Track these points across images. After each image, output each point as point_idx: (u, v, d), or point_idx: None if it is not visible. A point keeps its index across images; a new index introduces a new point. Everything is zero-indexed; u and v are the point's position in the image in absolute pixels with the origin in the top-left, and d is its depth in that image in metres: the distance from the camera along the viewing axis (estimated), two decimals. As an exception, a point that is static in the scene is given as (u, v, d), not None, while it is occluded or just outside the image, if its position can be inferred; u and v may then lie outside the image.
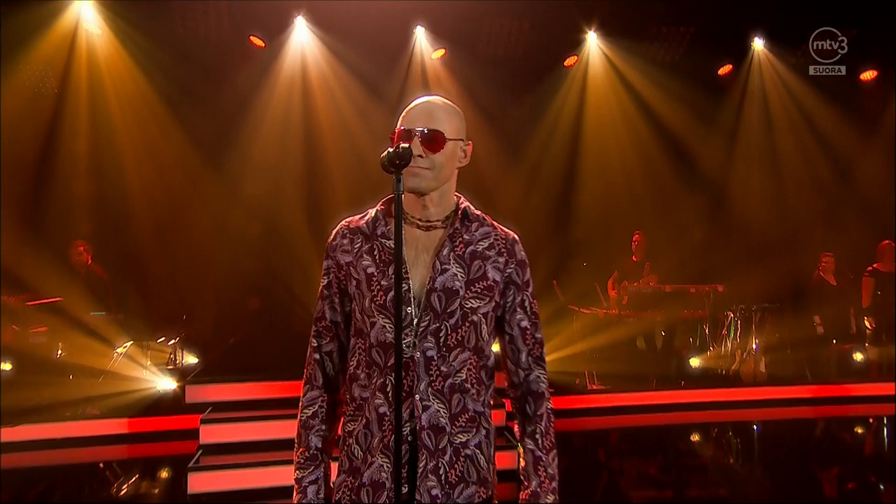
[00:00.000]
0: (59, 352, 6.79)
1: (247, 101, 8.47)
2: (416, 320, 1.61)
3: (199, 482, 4.26)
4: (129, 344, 6.98)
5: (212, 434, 4.73)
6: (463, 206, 1.72)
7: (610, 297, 8.50)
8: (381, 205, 1.73)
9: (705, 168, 9.83)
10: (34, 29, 7.63)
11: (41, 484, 4.98)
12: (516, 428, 1.77)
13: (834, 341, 8.10)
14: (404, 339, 1.59)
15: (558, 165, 9.65)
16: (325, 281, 1.72)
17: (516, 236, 1.77)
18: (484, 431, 1.68)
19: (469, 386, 1.66)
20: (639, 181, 9.70)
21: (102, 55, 8.11)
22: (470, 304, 1.64)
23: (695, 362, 7.80)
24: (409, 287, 1.62)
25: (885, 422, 6.84)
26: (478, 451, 1.66)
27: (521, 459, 1.74)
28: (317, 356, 1.71)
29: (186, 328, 7.75)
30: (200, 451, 4.58)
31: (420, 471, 1.57)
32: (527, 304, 1.74)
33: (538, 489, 1.67)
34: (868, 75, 9.69)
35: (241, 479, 4.40)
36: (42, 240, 7.80)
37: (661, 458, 5.95)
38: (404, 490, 1.53)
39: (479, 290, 1.65)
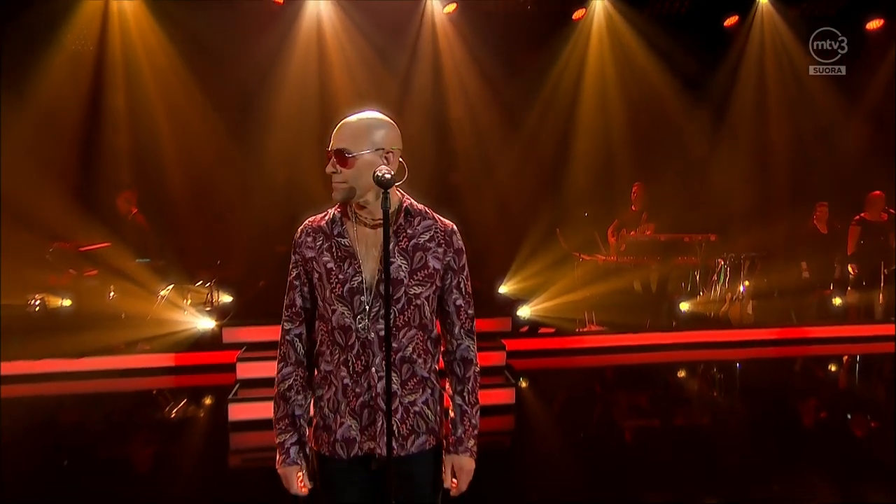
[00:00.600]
0: (111, 294, 7.26)
1: (268, 59, 8.72)
2: (368, 307, 1.82)
3: (237, 411, 4.86)
4: (170, 287, 7.46)
5: (247, 370, 5.28)
6: (406, 203, 1.89)
7: (609, 245, 8.72)
8: (338, 208, 1.90)
9: (705, 121, 9.81)
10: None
11: (105, 407, 5.56)
12: (448, 386, 2.00)
13: (818, 287, 8.28)
14: (360, 322, 1.83)
15: (563, 117, 9.74)
16: (294, 273, 1.90)
17: (454, 227, 1.95)
18: (430, 391, 1.93)
19: (416, 357, 1.90)
20: (641, 132, 9.75)
21: (133, 18, 8.51)
22: (413, 291, 1.85)
23: (685, 306, 7.98)
24: (363, 279, 1.82)
25: (857, 360, 7.16)
26: (425, 407, 1.92)
27: (451, 411, 1.97)
28: (289, 338, 1.94)
29: (220, 272, 8.25)
30: (238, 385, 5.14)
31: (378, 429, 1.82)
32: (462, 285, 1.95)
33: (462, 436, 1.93)
34: (874, 24, 9.53)
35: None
36: (91, 190, 8.31)
37: (650, 392, 6.24)
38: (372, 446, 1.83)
39: (420, 279, 1.85)
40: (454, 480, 1.93)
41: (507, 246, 9.42)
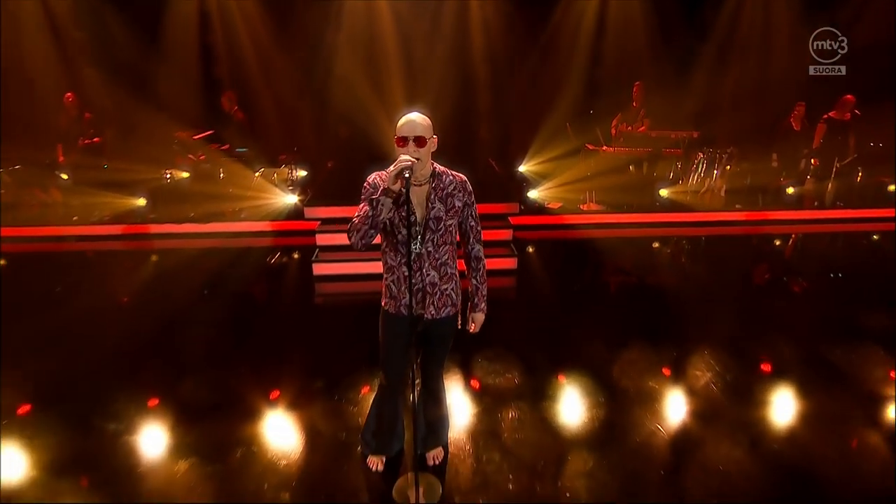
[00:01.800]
0: (221, 174, 8.10)
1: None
2: (419, 236, 2.47)
3: (319, 269, 5.96)
4: (262, 170, 8.30)
5: (323, 239, 6.29)
6: (435, 169, 2.48)
7: (612, 135, 8.91)
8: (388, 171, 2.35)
9: (705, 27, 9.65)
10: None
11: (221, 259, 6.49)
12: (467, 270, 2.65)
13: (784, 176, 8.43)
14: (413, 244, 2.45)
15: (579, 24, 9.83)
16: (360, 216, 2.38)
17: (465, 178, 2.54)
18: (454, 282, 2.62)
19: (448, 260, 2.56)
20: (649, 37, 9.64)
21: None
22: (449, 222, 2.49)
23: (664, 192, 8.24)
24: (415, 219, 2.45)
25: (804, 237, 7.47)
26: (452, 291, 2.62)
27: (470, 288, 2.67)
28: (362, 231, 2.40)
29: (297, 155, 9.00)
30: (318, 250, 6.19)
31: (427, 303, 2.55)
32: (473, 213, 2.58)
33: (477, 301, 2.67)
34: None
35: (346, 268, 5.96)
36: (201, 92, 9.18)
37: (632, 258, 6.69)
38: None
39: (452, 214, 2.50)
40: (473, 324, 2.72)
41: (526, 134, 9.82)
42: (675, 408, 3.68)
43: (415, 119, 2.35)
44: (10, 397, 3.77)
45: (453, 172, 2.55)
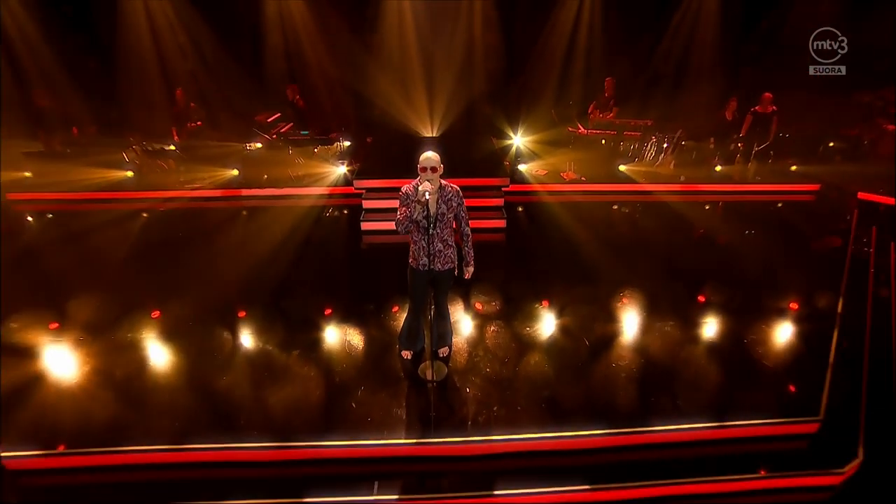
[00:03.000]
0: (290, 150, 9.21)
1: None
2: (432, 223, 3.70)
3: (366, 226, 7.37)
4: (318, 147, 9.45)
5: (368, 204, 7.62)
6: (442, 183, 3.76)
7: (588, 118, 9.78)
8: (418, 181, 3.57)
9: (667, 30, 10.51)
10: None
11: (295, 215, 7.74)
12: (461, 242, 3.95)
13: (718, 156, 9.32)
14: (431, 228, 3.68)
15: (566, 27, 10.77)
16: (400, 209, 3.71)
17: (458, 188, 3.79)
18: (452, 249, 3.89)
19: (447, 237, 3.84)
20: (621, 38, 10.52)
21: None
22: (448, 216, 3.78)
23: (623, 168, 9.27)
24: (430, 214, 3.68)
25: (721, 204, 8.46)
26: (451, 254, 3.92)
27: (463, 252, 3.94)
28: (399, 216, 3.72)
29: (342, 133, 10.09)
30: (363, 211, 7.56)
31: (435, 262, 3.84)
32: (464, 208, 3.85)
33: (468, 259, 3.95)
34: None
35: (384, 225, 7.26)
36: (270, 87, 10.40)
37: (598, 216, 7.81)
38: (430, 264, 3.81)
39: (451, 210, 3.76)
40: (467, 274, 4.02)
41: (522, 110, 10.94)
42: (600, 326, 5.19)
43: (431, 156, 3.63)
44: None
45: (451, 184, 3.85)
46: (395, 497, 3.49)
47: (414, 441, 3.79)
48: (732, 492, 3.70)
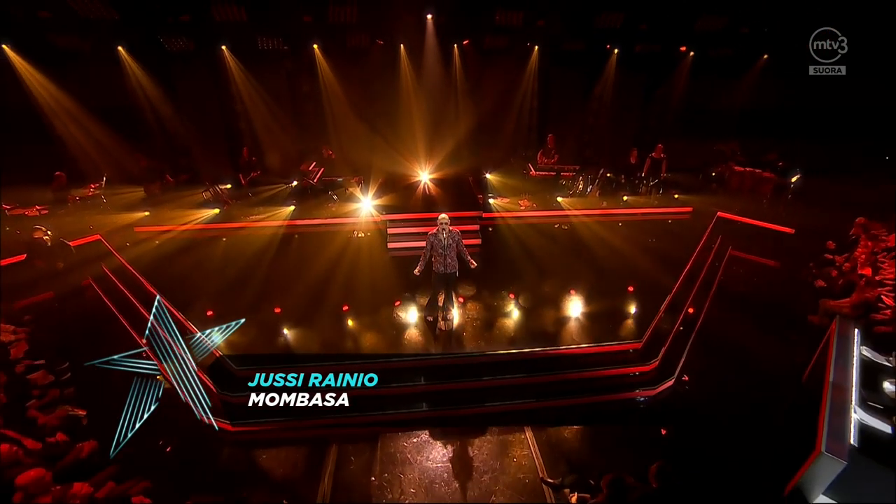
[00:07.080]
0: (331, 193, 12.52)
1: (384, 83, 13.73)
2: (447, 253, 7.43)
3: (391, 245, 10.93)
4: (349, 189, 12.71)
5: (393, 230, 11.02)
6: (448, 229, 7.54)
7: (538, 162, 13.39)
8: (435, 231, 7.59)
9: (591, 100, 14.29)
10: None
11: (333, 237, 11.36)
12: (461, 256, 7.63)
13: (628, 189, 12.75)
14: (446, 257, 7.45)
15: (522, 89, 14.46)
16: (427, 244, 7.52)
17: (458, 231, 7.69)
18: (457, 264, 7.54)
19: (453, 256, 7.49)
20: (562, 104, 14.36)
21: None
22: (454, 248, 7.46)
23: (560, 199, 12.00)
24: (443, 247, 7.61)
25: (624, 224, 12.00)
26: (455, 264, 7.56)
27: (464, 259, 7.54)
28: (426, 249, 7.58)
29: (362, 177, 13.23)
30: (388, 236, 11.11)
31: (448, 267, 7.57)
32: (461, 242, 7.47)
33: (469, 261, 7.55)
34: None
35: (404, 244, 10.82)
36: (308, 145, 13.85)
37: (545, 232, 11.26)
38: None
39: (454, 244, 7.44)
40: (472, 265, 7.66)
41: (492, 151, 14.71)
42: (549, 308, 8.97)
43: (444, 217, 7.49)
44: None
45: (455, 229, 7.71)
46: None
47: (437, 353, 7.64)
48: (597, 377, 7.60)
